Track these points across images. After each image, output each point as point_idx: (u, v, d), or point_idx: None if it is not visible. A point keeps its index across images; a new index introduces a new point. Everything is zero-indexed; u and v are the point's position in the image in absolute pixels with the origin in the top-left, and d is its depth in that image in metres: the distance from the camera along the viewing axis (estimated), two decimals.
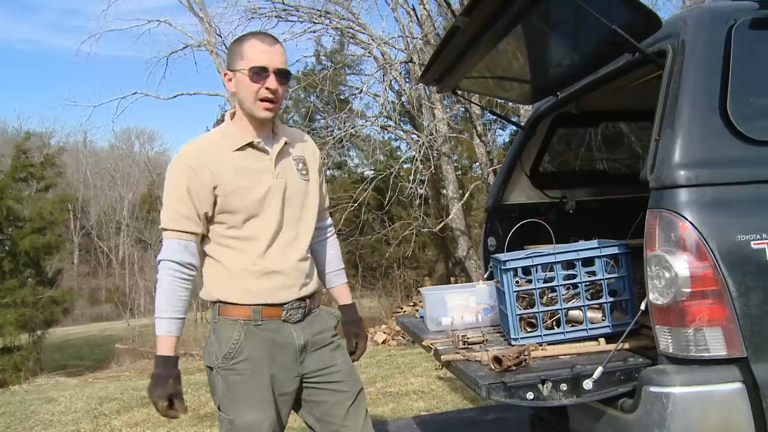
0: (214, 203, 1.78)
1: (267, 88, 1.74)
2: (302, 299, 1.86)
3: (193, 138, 1.89)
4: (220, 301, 1.82)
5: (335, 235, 2.18)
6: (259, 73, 1.73)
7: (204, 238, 1.84)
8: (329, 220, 2.15)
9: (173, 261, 1.76)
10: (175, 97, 14.62)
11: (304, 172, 1.91)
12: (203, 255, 1.86)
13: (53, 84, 67.55)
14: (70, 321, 21.22)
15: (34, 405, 6.06)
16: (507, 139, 16.09)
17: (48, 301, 12.49)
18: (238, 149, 1.81)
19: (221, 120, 1.95)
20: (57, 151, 15.75)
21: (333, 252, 2.13)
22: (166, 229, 1.79)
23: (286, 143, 1.88)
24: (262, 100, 1.76)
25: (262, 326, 1.80)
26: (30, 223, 12.67)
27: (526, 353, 1.81)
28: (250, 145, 1.82)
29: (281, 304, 1.81)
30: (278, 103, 1.79)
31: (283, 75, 1.76)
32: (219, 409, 1.81)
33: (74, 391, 7.07)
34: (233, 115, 1.87)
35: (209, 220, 1.81)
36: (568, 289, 2.08)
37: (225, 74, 1.81)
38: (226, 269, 1.81)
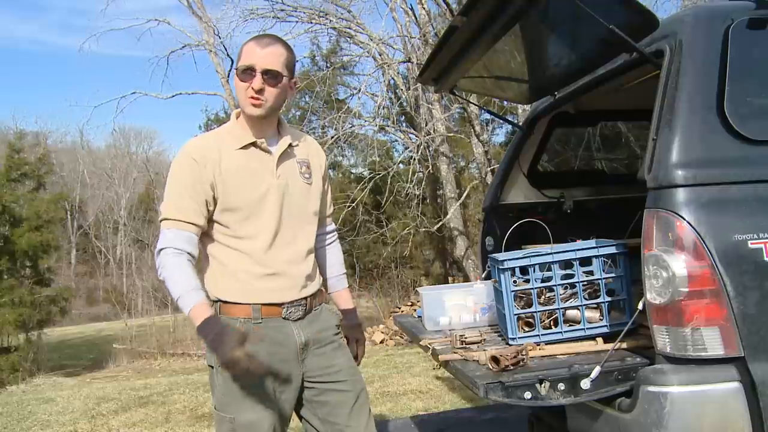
0: (215, 199, 1.79)
1: (251, 87, 1.77)
2: (302, 298, 1.86)
3: (194, 136, 1.90)
4: (221, 300, 1.82)
5: (338, 241, 2.19)
6: (246, 72, 1.77)
7: (204, 238, 1.84)
8: (332, 226, 2.16)
9: (175, 248, 1.73)
10: (173, 96, 14.60)
11: (306, 175, 1.93)
12: (203, 255, 1.86)
13: (49, 84, 67.44)
14: (68, 321, 21.10)
15: (32, 405, 6.03)
16: (504, 139, 16.11)
17: (45, 300, 12.44)
18: (241, 148, 1.83)
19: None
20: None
21: (335, 257, 2.14)
22: (167, 219, 1.76)
23: (290, 145, 1.89)
24: (250, 98, 1.78)
25: (263, 324, 1.80)
26: (27, 221, 12.62)
27: (523, 353, 1.81)
28: (253, 144, 1.84)
29: (281, 303, 1.82)
30: (267, 102, 1.79)
31: (269, 75, 1.77)
32: (216, 408, 1.80)
33: (72, 391, 7.05)
34: (239, 115, 1.89)
35: (210, 217, 1.80)
36: (565, 288, 2.08)
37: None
38: (227, 269, 1.81)
